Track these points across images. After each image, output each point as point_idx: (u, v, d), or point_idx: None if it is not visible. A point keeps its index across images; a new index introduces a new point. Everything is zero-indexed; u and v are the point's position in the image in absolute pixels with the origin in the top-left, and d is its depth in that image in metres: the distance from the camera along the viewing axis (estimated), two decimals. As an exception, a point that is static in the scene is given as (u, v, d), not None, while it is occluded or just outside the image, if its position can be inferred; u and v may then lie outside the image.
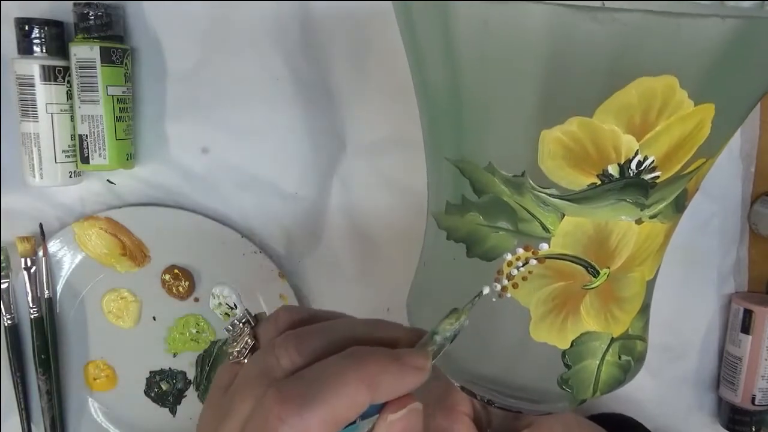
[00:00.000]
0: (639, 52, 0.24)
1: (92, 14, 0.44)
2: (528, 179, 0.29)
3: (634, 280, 0.32)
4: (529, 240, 0.30)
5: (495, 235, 0.31)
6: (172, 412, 0.54)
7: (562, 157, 0.27)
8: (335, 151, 0.50)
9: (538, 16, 0.24)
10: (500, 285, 0.32)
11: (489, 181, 0.30)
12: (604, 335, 0.32)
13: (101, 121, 0.45)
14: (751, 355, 0.51)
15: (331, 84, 0.49)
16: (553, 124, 0.27)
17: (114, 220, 0.50)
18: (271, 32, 0.48)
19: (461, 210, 0.32)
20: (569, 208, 0.29)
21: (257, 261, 0.51)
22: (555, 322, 0.32)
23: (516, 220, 0.30)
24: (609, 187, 0.28)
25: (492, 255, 0.32)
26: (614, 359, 0.33)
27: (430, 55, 0.30)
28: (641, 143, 0.26)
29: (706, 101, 0.26)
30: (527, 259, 0.31)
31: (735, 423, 0.53)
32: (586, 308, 0.32)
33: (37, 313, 0.50)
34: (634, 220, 0.29)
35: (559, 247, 0.30)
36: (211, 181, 0.50)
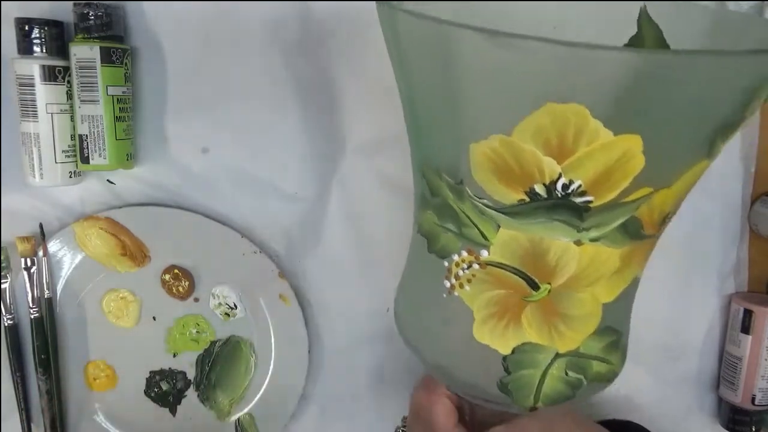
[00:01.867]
0: (546, 79, 0.25)
1: (92, 14, 0.44)
2: (466, 188, 0.30)
3: (582, 300, 0.32)
4: (471, 245, 0.32)
5: (445, 236, 0.33)
6: (172, 412, 0.54)
7: (491, 171, 0.28)
8: (335, 151, 0.50)
9: (458, 39, 0.25)
10: (450, 283, 0.33)
11: (438, 185, 0.32)
12: (547, 349, 0.33)
13: (101, 121, 0.45)
14: (751, 355, 0.51)
15: (331, 84, 0.49)
16: (480, 139, 0.28)
17: (114, 220, 0.50)
18: (271, 32, 0.48)
19: (424, 207, 0.34)
20: (503, 220, 0.30)
21: (257, 261, 0.51)
22: (497, 327, 0.33)
23: (460, 224, 0.32)
24: (538, 205, 0.29)
25: (443, 253, 0.33)
26: (560, 374, 0.33)
27: (396, 66, 0.32)
28: (563, 166, 0.27)
29: (627, 132, 0.26)
30: (471, 263, 0.32)
31: (735, 423, 0.53)
32: (528, 319, 0.32)
33: (37, 313, 0.50)
34: (572, 240, 0.30)
35: (498, 256, 0.31)
36: (211, 181, 0.50)
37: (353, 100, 0.49)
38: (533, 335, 0.33)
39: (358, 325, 0.53)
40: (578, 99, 0.25)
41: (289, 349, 0.52)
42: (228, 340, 0.53)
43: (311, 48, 0.48)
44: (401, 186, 0.51)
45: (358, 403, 0.55)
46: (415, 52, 0.29)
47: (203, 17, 0.47)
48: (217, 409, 0.54)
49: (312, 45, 0.48)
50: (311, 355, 0.53)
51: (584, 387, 0.35)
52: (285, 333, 0.52)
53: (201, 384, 0.53)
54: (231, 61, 0.48)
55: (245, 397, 0.53)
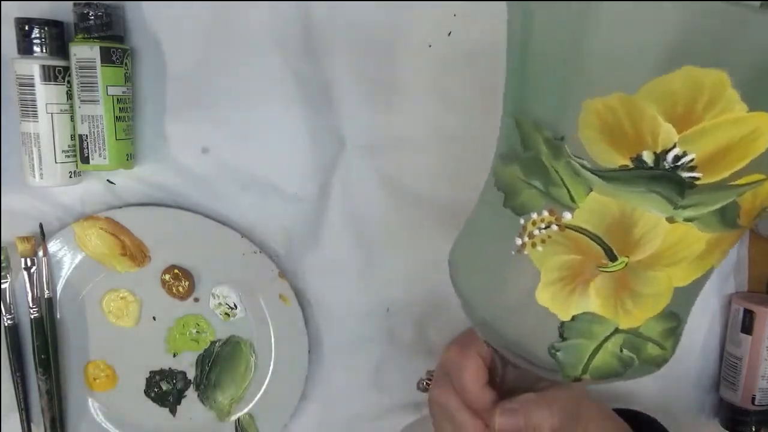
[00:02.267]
0: (690, 39, 0.23)
1: (92, 14, 0.44)
2: (566, 145, 0.29)
3: (656, 279, 0.31)
4: (555, 205, 0.30)
5: (528, 191, 0.32)
6: (172, 412, 0.54)
7: (599, 130, 0.27)
8: (335, 151, 0.50)
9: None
10: (521, 241, 0.32)
11: (534, 139, 0.30)
12: (608, 322, 0.32)
13: (101, 121, 0.45)
14: (752, 355, 0.51)
15: (331, 84, 0.49)
16: (597, 95, 0.26)
17: (114, 220, 0.50)
18: (271, 32, 0.48)
19: (508, 161, 0.33)
20: (598, 184, 0.29)
21: (257, 261, 0.51)
22: (561, 292, 0.32)
23: (548, 182, 0.30)
24: (640, 173, 0.27)
25: (521, 210, 0.32)
26: (614, 349, 0.33)
27: (515, 11, 0.31)
28: (682, 136, 0.25)
29: (762, 109, 0.24)
30: (549, 223, 0.31)
31: (735, 423, 0.53)
32: (596, 289, 0.31)
33: (37, 313, 0.50)
34: (665, 216, 0.28)
35: (581, 221, 0.30)
36: (211, 181, 0.50)
37: (353, 100, 0.49)
38: (598, 306, 0.31)
39: (358, 325, 0.53)
40: (721, 64, 0.23)
41: (289, 349, 0.52)
42: (228, 340, 0.53)
43: (311, 48, 0.48)
44: (401, 186, 0.51)
45: (358, 403, 0.55)
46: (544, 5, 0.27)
47: (203, 17, 0.47)
48: (217, 409, 0.54)
49: (312, 45, 0.48)
50: (311, 355, 0.53)
51: (634, 367, 0.34)
52: (285, 333, 0.52)
53: (201, 384, 0.53)
54: (231, 61, 0.48)
55: (245, 397, 0.53)
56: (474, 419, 0.40)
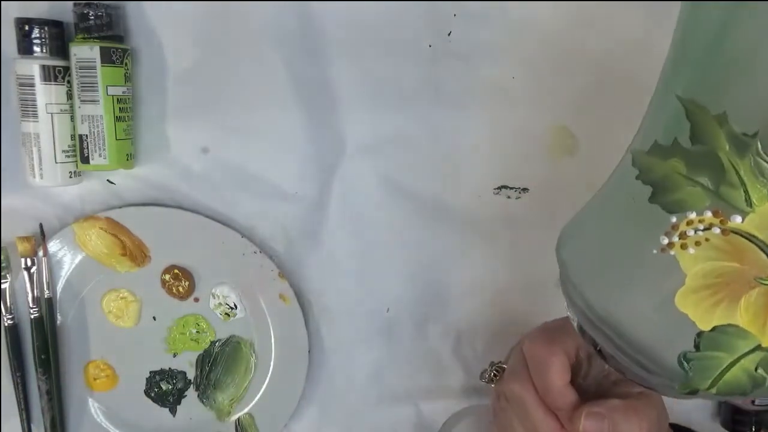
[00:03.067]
0: None
1: (92, 14, 0.44)
2: (757, 141, 0.26)
3: None
4: (723, 206, 0.28)
5: (690, 189, 0.29)
6: (172, 412, 0.54)
7: None
8: (335, 151, 0.50)
9: None
10: (669, 240, 0.29)
11: (712, 132, 0.27)
12: (752, 337, 0.29)
13: (101, 121, 0.45)
14: (752, 355, 0.51)
15: (331, 84, 0.49)
16: None
17: (114, 220, 0.50)
18: (271, 32, 0.48)
19: (666, 153, 0.30)
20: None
21: (257, 261, 0.51)
22: (707, 300, 0.29)
23: (721, 181, 0.27)
24: None
25: (675, 207, 0.29)
26: (750, 367, 0.30)
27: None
28: None
29: None
30: (711, 225, 0.28)
31: (735, 423, 0.53)
32: (748, 302, 0.29)
33: (37, 313, 0.50)
34: None
35: (753, 227, 0.27)
36: (211, 181, 0.50)
37: (353, 100, 0.49)
38: (744, 320, 0.29)
39: (358, 325, 0.53)
40: None
41: (289, 349, 0.52)
42: (228, 340, 0.53)
43: (311, 48, 0.48)
44: (401, 186, 0.51)
45: (358, 403, 0.55)
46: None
47: (203, 17, 0.47)
48: (217, 409, 0.54)
49: (312, 45, 0.48)
50: (311, 355, 0.53)
51: (764, 387, 0.31)
52: (285, 333, 0.52)
53: (201, 384, 0.53)
54: (231, 61, 0.48)
55: (245, 397, 0.53)
56: (550, 418, 0.38)
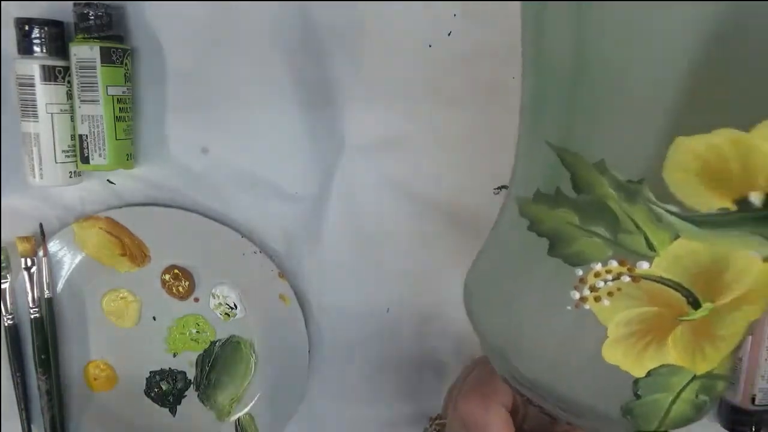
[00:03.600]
0: None
1: (92, 14, 0.44)
2: (645, 188, 0.25)
3: (736, 319, 0.28)
4: (627, 254, 0.26)
5: (587, 240, 0.27)
6: (172, 412, 0.54)
7: (696, 172, 0.23)
8: (335, 151, 0.50)
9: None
10: (580, 294, 0.28)
11: (595, 181, 0.26)
12: (686, 372, 0.29)
13: (101, 121, 0.45)
14: (751, 356, 0.51)
15: (331, 84, 0.49)
16: (695, 131, 0.22)
17: (114, 220, 0.50)
18: (271, 32, 0.48)
19: (553, 203, 0.28)
20: (688, 230, 0.25)
21: (257, 261, 0.51)
22: (634, 348, 0.28)
23: (617, 229, 0.26)
24: (744, 216, 0.24)
25: (577, 260, 0.28)
26: (690, 397, 0.30)
27: (557, 22, 0.26)
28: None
29: None
30: (619, 275, 0.27)
31: (735, 423, 0.53)
32: (675, 340, 0.28)
33: (37, 313, 0.50)
34: (762, 257, 0.25)
35: (661, 270, 0.26)
36: (211, 181, 0.50)
37: (353, 100, 0.49)
38: (675, 357, 0.28)
39: (358, 325, 0.53)
40: None
41: (289, 349, 0.52)
42: (228, 340, 0.53)
43: (311, 48, 0.48)
44: (401, 186, 0.51)
45: (358, 403, 0.55)
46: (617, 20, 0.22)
47: (203, 17, 0.47)
48: (217, 409, 0.54)
49: (312, 45, 0.48)
50: (311, 355, 0.53)
51: (706, 408, 0.31)
52: (285, 333, 0.52)
53: (201, 384, 0.53)
54: (231, 61, 0.48)
55: (245, 397, 0.53)
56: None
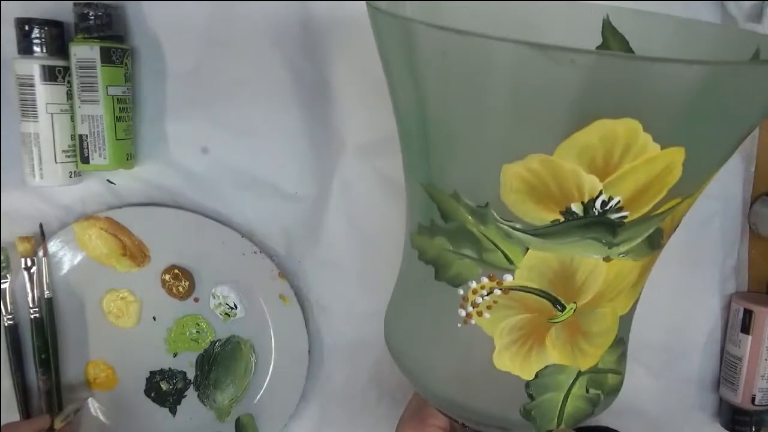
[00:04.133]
0: (598, 94, 0.24)
1: (92, 14, 0.44)
2: (492, 211, 0.29)
3: (604, 315, 0.32)
4: (493, 270, 0.30)
5: (460, 262, 0.31)
6: (172, 412, 0.54)
7: (524, 192, 0.27)
8: (335, 151, 0.50)
9: (497, 52, 0.24)
10: (465, 311, 0.32)
11: (454, 209, 0.30)
12: (570, 369, 0.32)
13: (101, 121, 0.45)
14: (751, 355, 0.51)
15: (331, 84, 0.49)
16: (515, 159, 0.26)
17: (114, 220, 0.50)
18: (271, 32, 0.48)
19: (430, 233, 0.32)
20: (533, 242, 0.29)
21: (257, 261, 0.51)
22: (519, 353, 0.32)
23: (480, 249, 0.30)
24: (573, 224, 0.28)
25: (457, 281, 0.32)
26: (581, 392, 0.33)
27: (399, 77, 0.30)
28: (605, 183, 0.26)
29: (674, 145, 0.25)
30: (492, 289, 0.31)
31: (735, 423, 0.53)
32: (552, 341, 0.31)
33: (37, 313, 0.50)
34: (602, 257, 0.29)
35: (524, 280, 0.30)
36: (211, 181, 0.50)
37: (353, 100, 0.49)
38: (556, 356, 0.32)
39: (358, 325, 0.53)
40: (632, 114, 0.24)
41: (289, 349, 0.52)
42: (228, 340, 0.53)
43: (311, 48, 0.48)
44: (401, 186, 0.51)
45: (358, 403, 0.55)
46: (439, 71, 0.27)
47: (203, 17, 0.47)
48: (217, 409, 0.54)
49: (312, 45, 0.48)
50: (311, 355, 0.53)
51: (602, 402, 0.34)
52: (285, 333, 0.52)
53: (201, 384, 0.53)
54: (231, 61, 0.48)
55: (245, 397, 0.53)
56: None
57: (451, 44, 0.25)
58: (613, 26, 0.37)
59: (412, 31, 0.26)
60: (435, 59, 0.26)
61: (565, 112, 0.24)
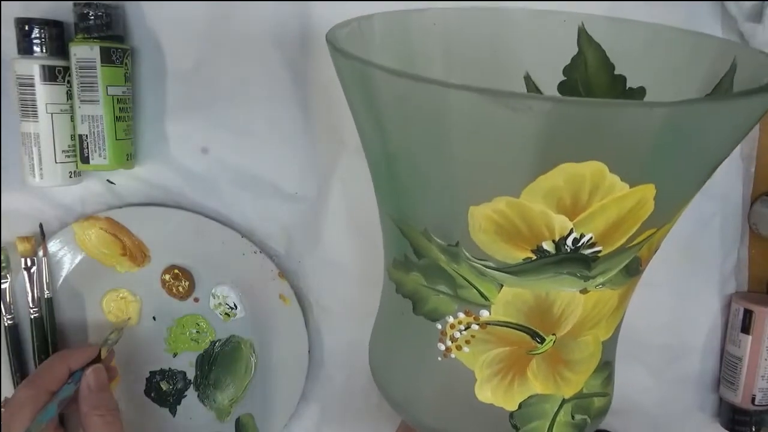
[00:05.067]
0: (560, 139, 0.23)
1: (92, 14, 0.44)
2: (463, 249, 0.28)
3: (586, 343, 0.32)
4: (469, 306, 0.30)
5: (436, 298, 0.31)
6: (172, 412, 0.54)
7: (494, 232, 0.27)
8: (335, 151, 0.50)
9: (454, 99, 0.24)
10: (445, 345, 0.32)
11: (426, 246, 0.30)
12: (554, 397, 0.32)
13: (101, 121, 0.45)
14: (751, 355, 0.51)
15: (331, 84, 0.49)
16: (482, 201, 0.26)
17: (114, 220, 0.50)
18: (271, 32, 0.48)
19: (405, 268, 0.32)
20: (507, 279, 0.29)
21: (257, 261, 0.51)
22: (501, 385, 0.32)
23: (455, 286, 0.30)
24: (545, 261, 0.27)
25: (434, 316, 0.31)
26: (566, 419, 0.33)
27: (362, 115, 0.30)
28: (575, 222, 0.26)
29: (643, 182, 0.25)
30: (469, 324, 0.31)
31: (735, 423, 0.53)
32: (533, 372, 0.31)
33: (37, 313, 0.50)
34: (579, 290, 0.29)
35: (500, 315, 0.30)
36: (211, 181, 0.50)
37: (353, 100, 0.49)
38: (539, 386, 0.32)
39: (358, 325, 0.53)
40: (596, 156, 0.23)
41: (289, 349, 0.52)
42: (228, 340, 0.53)
43: (311, 48, 0.48)
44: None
45: (358, 403, 0.55)
46: (399, 114, 0.27)
47: (203, 17, 0.47)
48: (217, 409, 0.54)
49: (312, 45, 0.48)
50: (311, 355, 0.53)
51: (588, 425, 0.34)
52: (285, 333, 0.52)
53: (201, 384, 0.53)
54: (231, 61, 0.48)
55: (245, 397, 0.53)
56: None
57: (408, 90, 0.25)
58: (589, 35, 0.37)
59: (370, 74, 0.26)
60: (394, 104, 0.26)
61: (528, 157, 0.24)
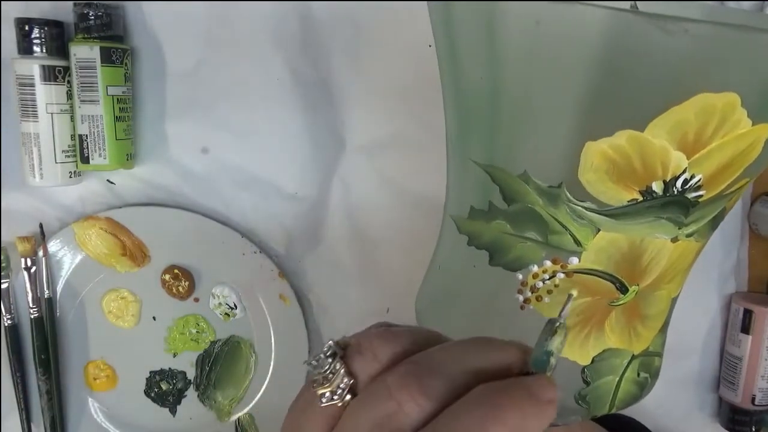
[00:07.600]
0: (705, 66, 0.23)
1: (92, 14, 0.44)
2: (564, 191, 0.27)
3: (660, 297, 0.31)
4: (558, 253, 0.29)
5: (522, 245, 0.30)
6: (172, 412, 0.54)
7: (606, 171, 0.26)
8: (335, 151, 0.50)
9: (598, 20, 0.23)
10: (523, 296, 0.31)
11: (521, 190, 0.28)
12: (625, 352, 0.31)
13: (101, 121, 0.45)
14: (751, 355, 0.51)
15: (331, 84, 0.49)
16: (600, 136, 0.25)
17: (114, 220, 0.50)
18: (271, 32, 0.48)
19: (487, 216, 0.30)
20: (606, 223, 0.27)
21: (257, 261, 0.51)
22: (577, 338, 0.31)
23: (547, 231, 0.29)
24: (650, 204, 0.27)
25: (516, 265, 0.30)
26: (633, 376, 0.32)
27: (468, 52, 0.28)
28: (691, 161, 0.25)
29: (763, 121, 0.24)
30: (554, 273, 0.29)
31: (735, 423, 0.53)
32: (611, 325, 0.30)
33: (37, 313, 0.50)
34: (671, 238, 0.28)
35: (590, 262, 0.29)
36: (211, 181, 0.50)
37: (353, 100, 0.49)
38: (614, 340, 0.31)
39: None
40: (734, 87, 0.22)
41: (289, 349, 0.52)
42: (228, 340, 0.53)
43: (311, 48, 0.48)
44: (401, 186, 0.51)
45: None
46: (522, 44, 0.25)
47: (203, 17, 0.47)
48: (217, 409, 0.54)
49: (312, 45, 0.48)
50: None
51: (648, 385, 0.33)
52: (285, 333, 0.52)
53: (201, 384, 0.53)
54: (231, 61, 0.48)
55: (245, 397, 0.53)
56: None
57: (545, 12, 0.24)
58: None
59: (498, 9, 0.25)
60: (523, 30, 0.25)
61: (667, 85, 0.23)
